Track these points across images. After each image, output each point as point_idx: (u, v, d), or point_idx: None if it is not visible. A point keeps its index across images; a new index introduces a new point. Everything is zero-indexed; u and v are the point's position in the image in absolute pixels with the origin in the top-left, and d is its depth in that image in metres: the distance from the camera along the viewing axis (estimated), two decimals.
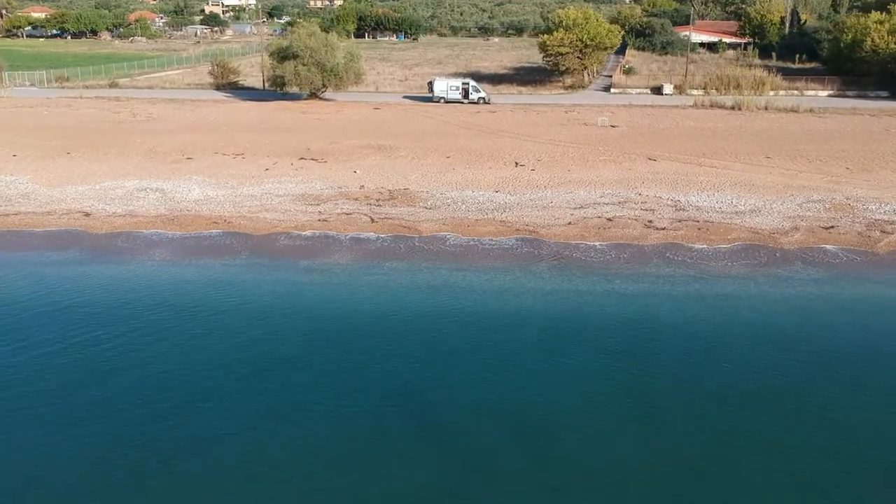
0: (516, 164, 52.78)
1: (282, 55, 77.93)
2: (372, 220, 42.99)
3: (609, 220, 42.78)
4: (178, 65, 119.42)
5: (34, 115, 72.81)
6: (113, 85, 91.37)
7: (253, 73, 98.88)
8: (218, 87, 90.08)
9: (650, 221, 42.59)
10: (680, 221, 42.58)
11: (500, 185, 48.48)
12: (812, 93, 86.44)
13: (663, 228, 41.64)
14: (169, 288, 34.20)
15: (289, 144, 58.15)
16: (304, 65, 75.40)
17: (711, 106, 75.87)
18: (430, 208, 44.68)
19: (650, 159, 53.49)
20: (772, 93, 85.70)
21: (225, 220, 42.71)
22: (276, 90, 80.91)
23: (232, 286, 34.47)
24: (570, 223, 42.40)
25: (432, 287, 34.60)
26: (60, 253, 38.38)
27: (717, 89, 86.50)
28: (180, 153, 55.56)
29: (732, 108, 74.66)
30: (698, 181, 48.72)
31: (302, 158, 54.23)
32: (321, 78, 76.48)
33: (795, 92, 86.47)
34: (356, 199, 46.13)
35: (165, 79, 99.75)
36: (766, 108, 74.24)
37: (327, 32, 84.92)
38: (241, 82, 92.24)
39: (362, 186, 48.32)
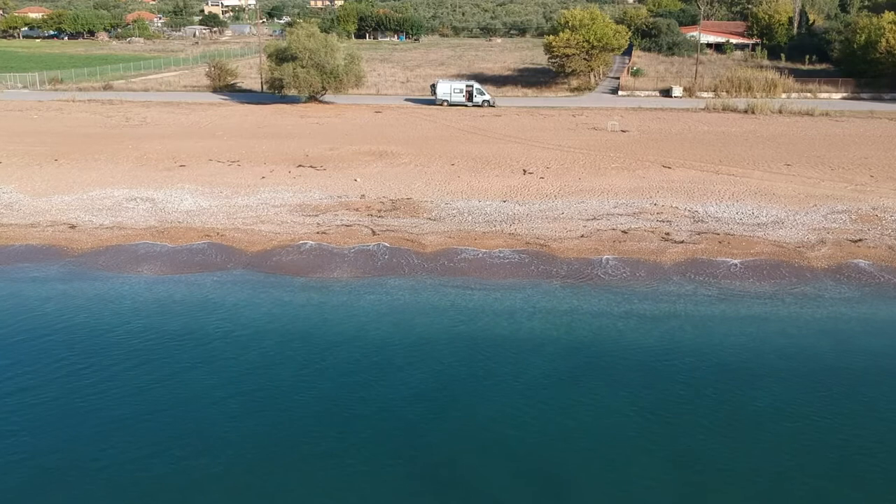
0: (524, 171, 50.44)
1: (280, 57, 75.57)
2: (373, 232, 40.66)
3: (624, 232, 40.46)
4: (174, 66, 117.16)
5: (23, 119, 70.47)
6: (107, 87, 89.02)
7: (251, 75, 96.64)
8: (215, 90, 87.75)
9: (667, 234, 40.27)
10: (699, 234, 40.25)
11: (508, 194, 46.17)
12: (825, 95, 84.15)
13: (682, 242, 39.31)
14: (155, 311, 31.85)
15: (286, 150, 55.83)
16: (302, 67, 73.03)
17: (724, 109, 73.55)
18: (435, 220, 42.36)
19: (664, 167, 51.15)
20: (784, 95, 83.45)
21: (218, 233, 40.38)
22: (274, 93, 78.42)
23: (223, 308, 32.14)
24: (582, 236, 40.07)
25: (437, 308, 32.28)
26: (42, 270, 36.00)
27: (727, 92, 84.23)
28: (173, 160, 53.21)
29: (746, 111, 72.34)
30: (716, 190, 46.40)
31: (300, 166, 51.90)
32: (320, 80, 74.13)
33: (808, 94, 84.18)
34: (357, 210, 43.81)
35: (161, 81, 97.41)
36: (780, 112, 71.92)
37: (327, 33, 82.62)
38: (238, 84, 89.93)
39: (363, 196, 46.00)
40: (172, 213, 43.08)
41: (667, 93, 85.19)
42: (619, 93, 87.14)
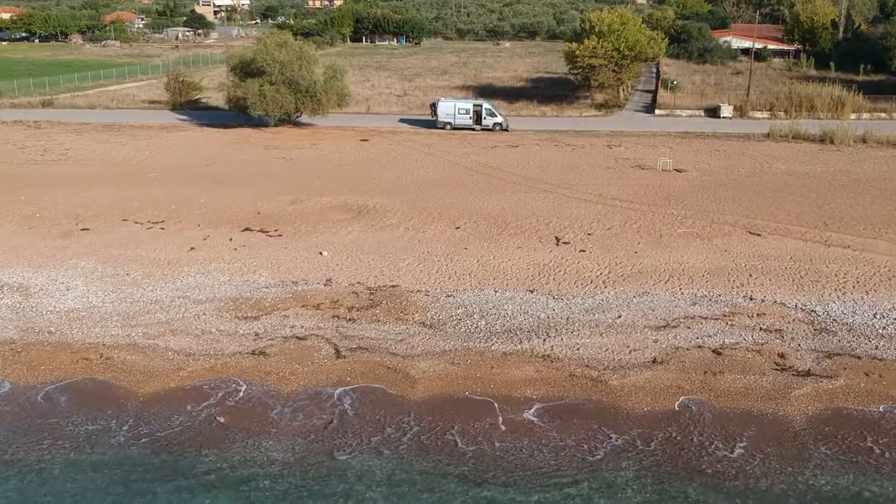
0: (557, 240, 36.43)
1: (245, 71, 61.50)
2: (338, 352, 26.92)
3: (716, 353, 26.68)
4: (142, 75, 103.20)
5: None
6: (46, 104, 74.84)
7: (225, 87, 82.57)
8: (175, 107, 73.74)
9: (782, 356, 26.52)
10: (830, 357, 26.46)
11: (537, 278, 32.34)
12: None
13: (807, 373, 25.57)
14: None
15: (232, 204, 41.67)
16: (271, 83, 58.90)
17: (793, 137, 59.34)
18: (430, 326, 28.59)
19: (750, 233, 37.10)
20: (853, 116, 69.36)
21: (101, 355, 26.56)
22: (239, 114, 63.82)
23: None
24: (655, 360, 26.29)
25: None
26: None
27: (785, 111, 70.15)
28: (75, 220, 39.17)
29: (822, 140, 58.11)
30: (832, 273, 32.52)
31: (246, 230, 37.84)
32: (293, 100, 59.85)
33: (883, 115, 70.10)
34: (317, 308, 29.97)
35: (117, 94, 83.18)
36: (864, 141, 57.76)
37: (315, 36, 68.65)
38: (204, 101, 75.80)
39: (329, 281, 32.17)
40: (46, 316, 29.24)
41: (713, 112, 71.04)
42: (656, 112, 72.98)
